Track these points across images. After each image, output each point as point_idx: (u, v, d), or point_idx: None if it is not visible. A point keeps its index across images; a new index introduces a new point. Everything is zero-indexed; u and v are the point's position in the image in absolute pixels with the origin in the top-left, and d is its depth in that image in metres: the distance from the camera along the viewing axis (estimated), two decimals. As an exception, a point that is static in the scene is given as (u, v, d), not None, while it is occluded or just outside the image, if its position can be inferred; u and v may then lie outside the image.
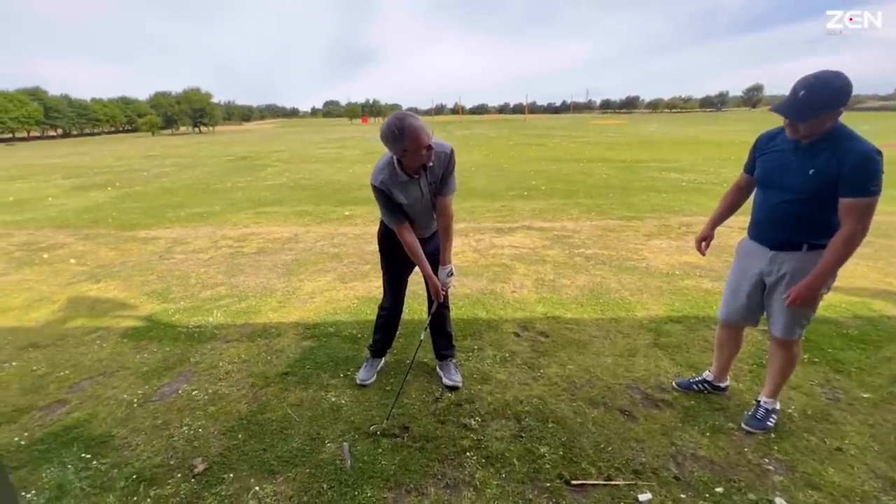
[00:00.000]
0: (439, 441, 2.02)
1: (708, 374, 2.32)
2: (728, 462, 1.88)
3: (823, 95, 1.57)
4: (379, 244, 2.42)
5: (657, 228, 5.75)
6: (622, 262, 4.45)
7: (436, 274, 2.24)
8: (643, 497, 1.71)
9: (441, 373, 2.51)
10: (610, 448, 1.97)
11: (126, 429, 2.17)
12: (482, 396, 2.35)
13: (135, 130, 76.42)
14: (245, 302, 3.69)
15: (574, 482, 1.78)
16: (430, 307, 2.51)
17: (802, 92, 1.58)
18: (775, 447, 1.95)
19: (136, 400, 2.39)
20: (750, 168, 1.97)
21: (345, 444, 2.00)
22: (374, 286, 3.94)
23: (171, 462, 1.94)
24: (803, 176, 1.69)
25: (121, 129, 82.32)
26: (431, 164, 2.02)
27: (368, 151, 19.25)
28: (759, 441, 1.99)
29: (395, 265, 2.37)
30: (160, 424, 2.19)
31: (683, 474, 1.82)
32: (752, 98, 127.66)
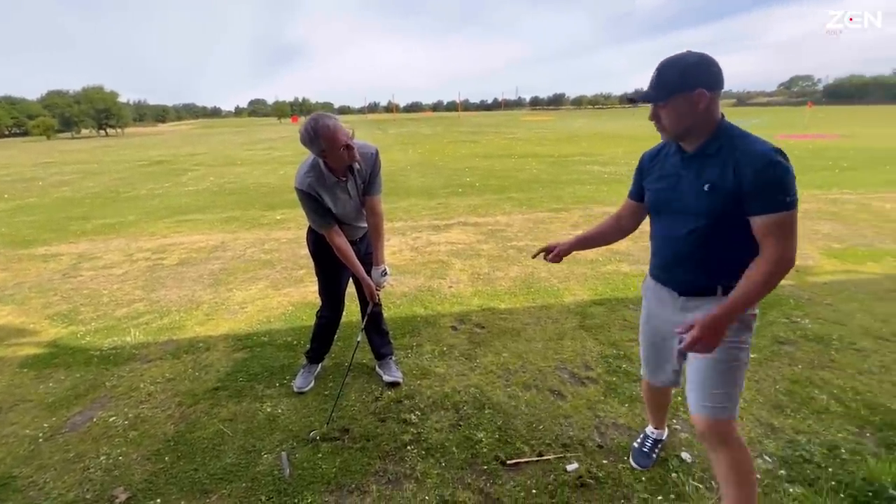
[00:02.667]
0: (380, 439, 2.04)
1: (651, 430, 1.94)
2: (643, 426, 2.09)
3: (673, 73, 1.27)
4: (310, 251, 2.38)
5: (582, 219, 6.13)
6: (551, 252, 4.71)
7: (369, 275, 2.25)
8: (571, 467, 1.86)
9: (381, 371, 2.53)
10: (541, 426, 2.11)
11: (30, 467, 1.96)
12: (421, 391, 2.40)
13: (25, 134, 67.57)
14: (167, 317, 3.45)
15: (509, 462, 1.89)
16: (363, 309, 2.52)
17: (655, 72, 1.32)
18: (682, 409, 2.20)
19: (41, 434, 2.17)
20: (636, 193, 1.58)
21: (282, 453, 1.97)
22: (310, 290, 3.85)
23: (88, 496, 1.79)
24: (698, 193, 1.31)
25: (6, 132, 72.39)
26: (358, 166, 2.03)
27: (301, 152, 18.48)
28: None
29: (329, 270, 2.35)
30: (72, 457, 2.01)
31: (606, 442, 2.00)
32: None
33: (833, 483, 1.70)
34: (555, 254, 1.74)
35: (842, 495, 1.65)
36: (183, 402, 2.37)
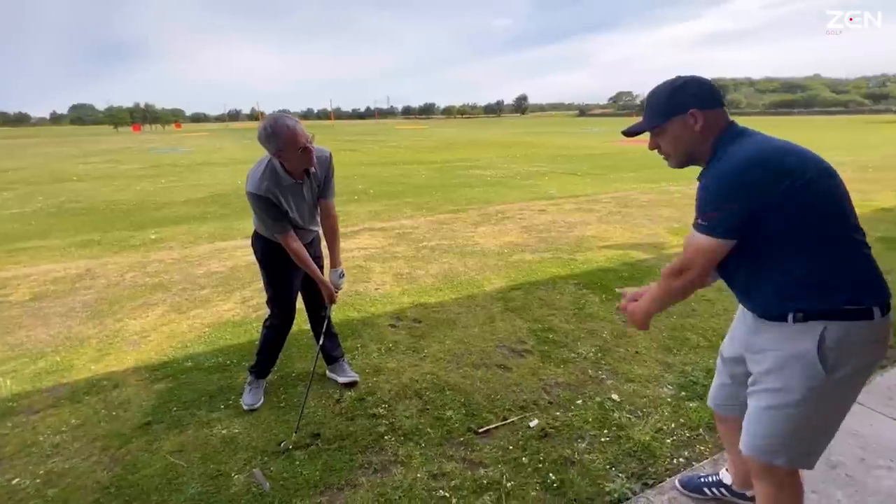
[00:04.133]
0: (355, 436, 2.07)
1: (725, 476, 1.67)
2: (578, 381, 2.48)
3: (661, 96, 1.24)
4: (260, 259, 2.27)
5: (480, 218, 6.65)
6: (461, 248, 5.06)
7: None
8: (532, 423, 2.13)
9: (335, 375, 2.51)
10: (498, 396, 2.36)
11: None
12: (381, 386, 2.47)
13: None
14: (43, 360, 2.87)
15: (480, 430, 2.10)
16: (311, 314, 2.48)
17: (645, 103, 1.31)
18: (603, 362, 2.66)
19: None
20: None
21: (254, 470, 1.87)
22: (223, 310, 3.55)
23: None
24: None
25: None
26: (314, 169, 2.04)
27: (154, 164, 16.28)
28: (592, 361, 2.67)
29: (281, 277, 2.27)
30: (-29, 535, 1.63)
31: (553, 399, 2.33)
32: (521, 106, 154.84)
33: (715, 394, 2.27)
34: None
35: (722, 401, 2.21)
36: (108, 445, 2.06)
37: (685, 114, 1.20)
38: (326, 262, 2.40)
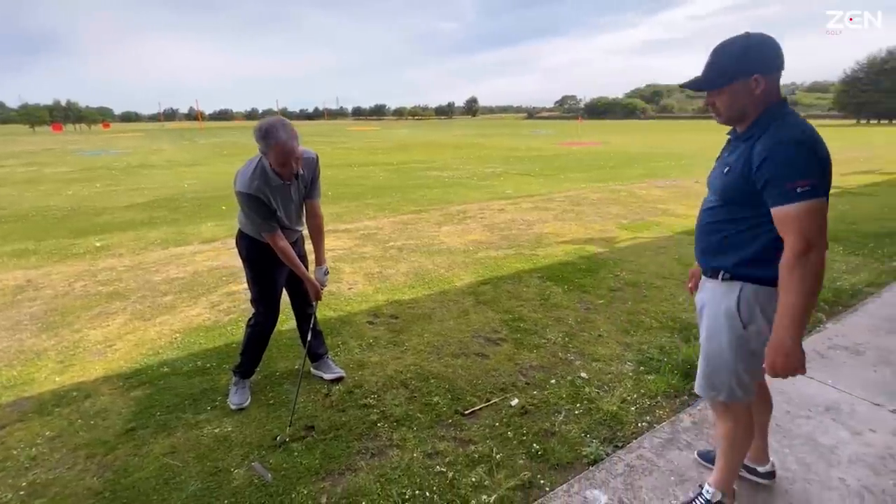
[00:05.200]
0: (349, 425, 2.16)
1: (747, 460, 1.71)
2: (550, 363, 2.71)
3: (731, 56, 1.23)
4: (245, 258, 2.30)
5: (443, 217, 6.82)
6: (428, 247, 5.20)
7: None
8: (513, 402, 2.33)
9: (320, 372, 2.57)
10: (479, 381, 2.53)
11: None
12: (367, 379, 2.56)
13: None
14: (-3, 375, 2.71)
15: (467, 412, 2.26)
16: (298, 312, 2.54)
17: (709, 58, 1.27)
18: (570, 346, 2.90)
19: None
20: None
21: (253, 464, 1.92)
22: (192, 315, 3.48)
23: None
24: (720, 175, 1.33)
25: None
26: (302, 171, 2.11)
27: (85, 167, 15.08)
28: (560, 345, 2.91)
29: (266, 275, 2.30)
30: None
31: (530, 380, 2.54)
32: (472, 108, 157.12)
33: (669, 367, 2.57)
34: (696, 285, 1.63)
35: (675, 372, 2.51)
36: (92, 453, 2.01)
37: (749, 77, 1.21)
38: (310, 260, 2.46)
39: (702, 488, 1.60)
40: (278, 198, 2.12)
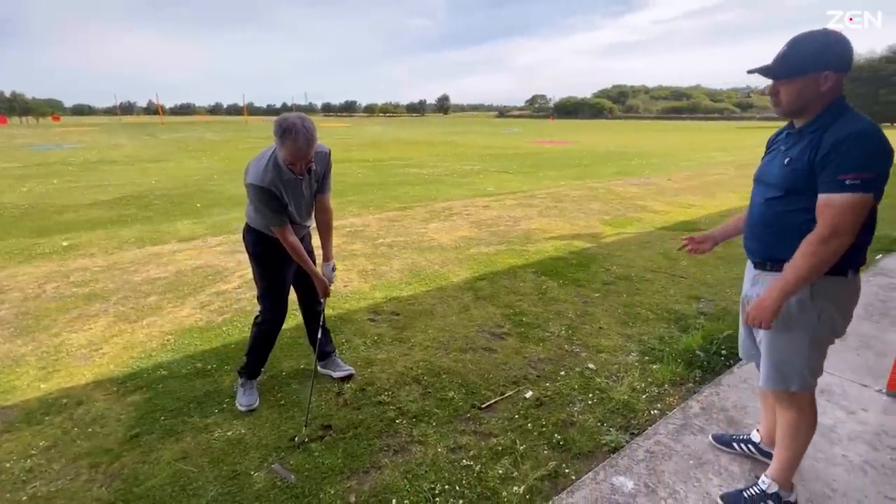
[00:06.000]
0: (367, 423, 2.13)
1: (755, 434, 1.85)
2: (558, 356, 2.75)
3: (808, 49, 1.24)
4: (252, 254, 2.22)
5: (429, 214, 6.80)
6: (418, 244, 5.18)
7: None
8: (528, 394, 2.35)
9: (328, 370, 2.52)
10: (491, 375, 2.54)
11: None
12: (377, 376, 2.53)
13: None
14: (-29, 384, 2.51)
15: (483, 406, 2.26)
16: (306, 310, 2.48)
17: (785, 47, 1.28)
18: (574, 338, 2.96)
19: None
20: None
21: (274, 465, 1.86)
22: (182, 316, 3.33)
23: None
24: (781, 166, 1.34)
25: None
26: (314, 166, 2.05)
27: (38, 162, 14.14)
28: (564, 338, 2.96)
29: (274, 271, 2.23)
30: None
31: (540, 372, 2.57)
32: (444, 106, 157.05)
33: (671, 356, 2.66)
34: (706, 244, 1.77)
35: (678, 361, 2.61)
36: (96, 462, 1.90)
37: (820, 73, 1.23)
38: (318, 255, 2.40)
39: (757, 479, 1.63)
40: (290, 192, 2.05)
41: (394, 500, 1.70)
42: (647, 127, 52.62)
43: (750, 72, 1.35)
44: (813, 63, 1.24)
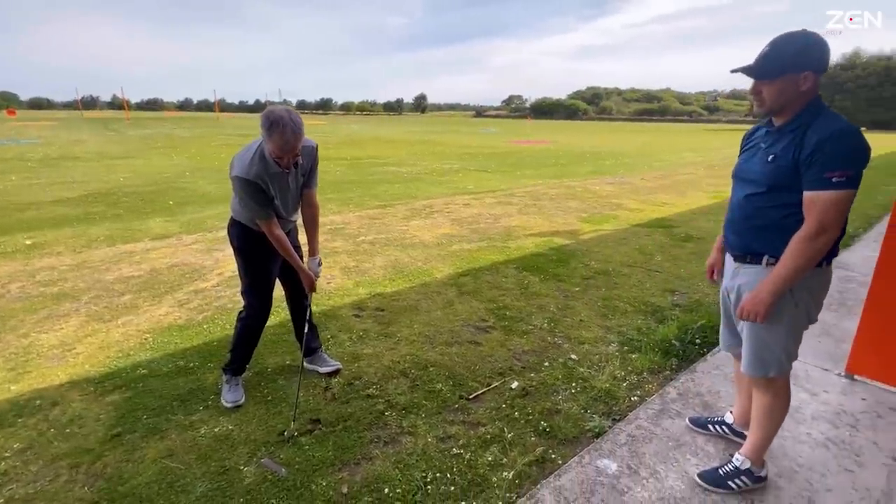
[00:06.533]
0: (356, 416, 2.14)
1: (728, 416, 1.96)
2: (541, 348, 2.82)
3: (789, 50, 1.29)
4: (236, 248, 2.19)
5: (409, 212, 6.80)
6: (400, 241, 5.18)
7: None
8: (513, 385, 2.41)
9: (315, 366, 2.51)
10: (477, 367, 2.59)
11: None
12: (365, 370, 2.54)
13: None
14: (-66, 388, 2.39)
15: (471, 396, 2.31)
16: (293, 305, 2.46)
17: (767, 48, 1.33)
18: (556, 330, 3.04)
19: None
20: None
21: (263, 460, 1.85)
22: (160, 315, 3.25)
23: None
24: (763, 163, 1.40)
25: None
26: (301, 160, 2.05)
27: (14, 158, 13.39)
28: (547, 331, 3.04)
29: (259, 265, 2.21)
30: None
31: (525, 364, 2.63)
32: (421, 105, 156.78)
33: (649, 346, 2.77)
34: (717, 271, 1.77)
35: (655, 350, 2.72)
36: (77, 462, 1.85)
37: (800, 73, 1.29)
38: (304, 251, 2.40)
39: (731, 456, 1.73)
40: (276, 185, 2.04)
41: (386, 489, 1.72)
42: (621, 128, 53.90)
43: (733, 71, 1.39)
44: (793, 64, 1.30)
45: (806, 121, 1.32)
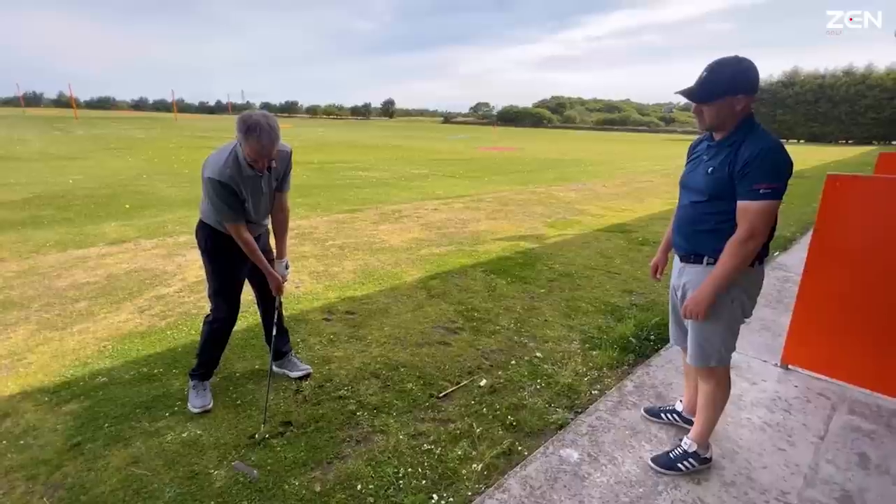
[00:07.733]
0: (327, 417, 2.16)
1: (678, 405, 2.14)
2: (508, 347, 2.93)
3: (724, 76, 1.46)
4: (204, 250, 2.17)
5: (378, 217, 6.82)
6: (370, 246, 5.20)
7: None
8: (482, 383, 2.50)
9: (285, 370, 2.51)
10: (446, 366, 2.66)
11: None
12: (336, 372, 2.56)
13: None
14: None
15: (440, 395, 2.38)
16: (264, 308, 2.46)
17: (705, 73, 1.49)
18: (523, 330, 3.16)
19: None
20: None
21: (234, 463, 1.85)
22: (119, 321, 3.14)
23: None
24: (704, 174, 1.57)
25: None
26: (275, 164, 2.07)
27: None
28: (514, 331, 3.16)
29: (227, 269, 2.20)
30: None
31: (492, 362, 2.73)
32: (388, 109, 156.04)
33: (608, 343, 2.93)
34: (661, 258, 1.97)
35: (614, 347, 2.88)
36: (33, 473, 1.78)
37: (735, 96, 1.46)
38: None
39: (680, 440, 1.90)
40: (248, 189, 2.05)
41: (359, 486, 1.77)
42: (583, 137, 55.66)
43: (677, 93, 1.57)
44: (728, 88, 1.47)
45: (740, 138, 1.49)
